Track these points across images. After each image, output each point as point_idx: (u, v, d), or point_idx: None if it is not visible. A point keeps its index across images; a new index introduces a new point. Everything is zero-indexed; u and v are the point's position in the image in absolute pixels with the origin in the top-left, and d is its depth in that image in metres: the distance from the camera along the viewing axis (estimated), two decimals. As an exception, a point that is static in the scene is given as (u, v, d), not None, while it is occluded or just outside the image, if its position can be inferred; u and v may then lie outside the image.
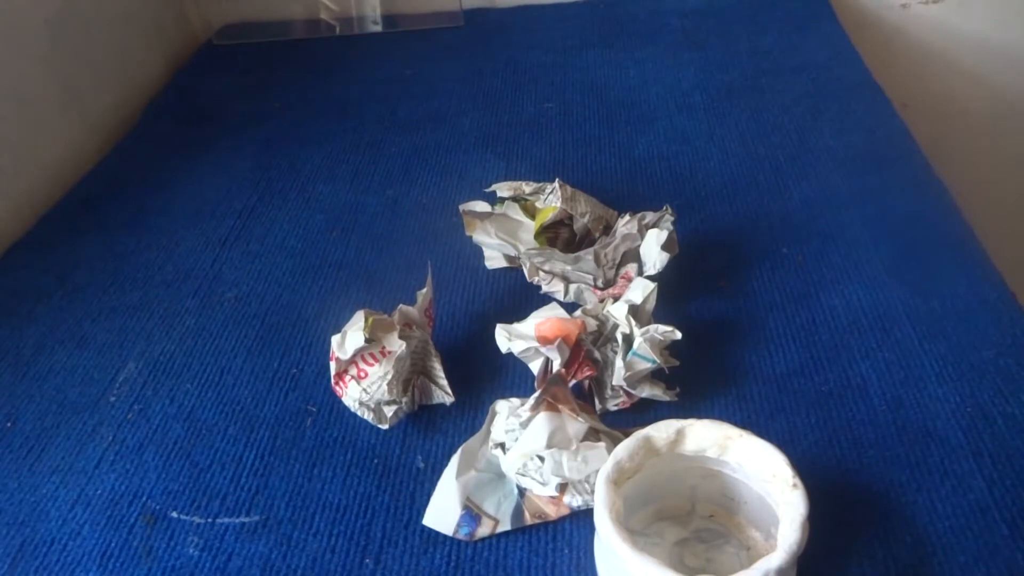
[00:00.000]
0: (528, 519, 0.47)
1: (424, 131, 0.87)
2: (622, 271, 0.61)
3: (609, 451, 0.45)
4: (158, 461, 0.53)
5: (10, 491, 0.52)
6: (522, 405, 0.49)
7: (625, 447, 0.43)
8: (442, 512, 0.47)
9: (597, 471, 0.44)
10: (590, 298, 0.61)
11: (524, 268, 0.63)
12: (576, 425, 0.47)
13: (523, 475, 0.47)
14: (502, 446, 0.48)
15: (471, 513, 0.47)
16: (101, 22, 0.93)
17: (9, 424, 0.57)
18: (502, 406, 0.50)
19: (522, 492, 0.48)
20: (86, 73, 0.90)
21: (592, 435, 0.48)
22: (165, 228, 0.75)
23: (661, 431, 0.43)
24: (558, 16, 1.09)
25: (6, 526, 0.50)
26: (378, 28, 1.10)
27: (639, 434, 0.43)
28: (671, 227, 0.61)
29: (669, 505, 0.46)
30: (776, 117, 0.83)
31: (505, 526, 0.47)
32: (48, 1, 0.84)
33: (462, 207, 0.70)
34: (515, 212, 0.68)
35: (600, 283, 0.61)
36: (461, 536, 0.46)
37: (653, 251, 0.60)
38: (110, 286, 0.69)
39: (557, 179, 0.67)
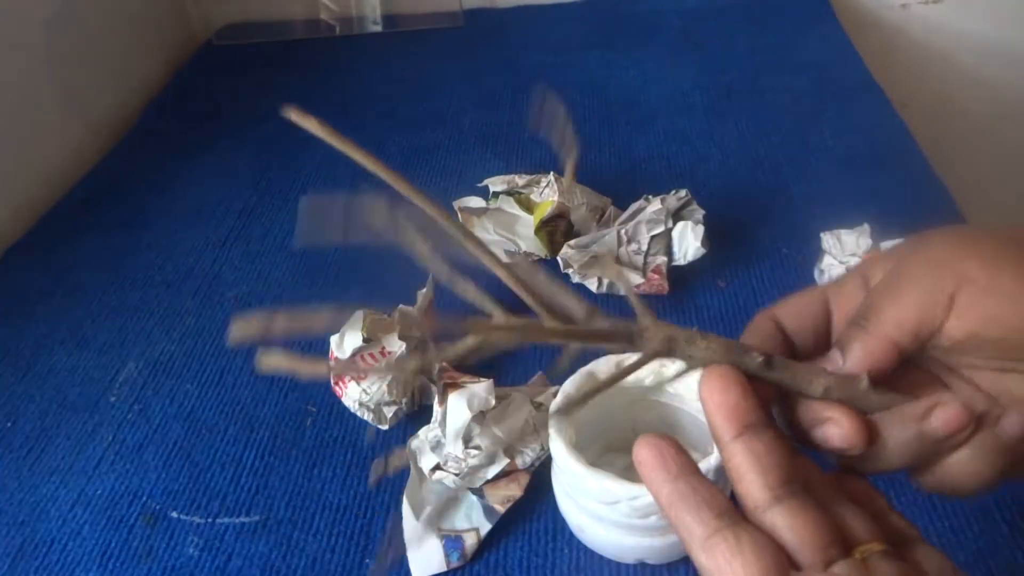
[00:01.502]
0: (500, 509, 0.47)
1: (424, 131, 0.87)
2: (651, 263, 0.61)
3: (522, 403, 0.48)
4: (158, 461, 0.53)
5: (10, 491, 0.52)
6: (431, 429, 0.50)
7: (572, 381, 0.44)
8: (424, 556, 0.46)
9: (526, 419, 0.48)
10: (624, 282, 0.61)
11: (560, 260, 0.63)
12: (481, 385, 0.48)
13: (444, 470, 0.47)
14: (438, 467, 0.48)
15: (451, 538, 0.46)
16: (101, 22, 0.93)
17: (9, 424, 0.57)
18: (416, 442, 0.50)
19: (480, 493, 0.48)
20: (86, 73, 0.90)
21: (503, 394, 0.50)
22: (165, 228, 0.75)
23: (602, 365, 0.45)
24: (558, 16, 1.09)
25: (6, 526, 0.50)
26: (378, 28, 1.10)
27: (583, 369, 0.45)
28: (702, 221, 0.62)
29: (615, 438, 0.48)
30: (776, 117, 0.83)
31: (486, 528, 0.47)
32: (48, 1, 0.84)
33: (456, 204, 0.70)
34: (510, 206, 0.68)
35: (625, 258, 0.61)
36: (455, 563, 0.46)
37: (689, 243, 0.61)
38: (110, 286, 0.69)
39: (552, 172, 0.67)
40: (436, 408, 0.49)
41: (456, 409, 0.48)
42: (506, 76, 0.96)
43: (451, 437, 0.48)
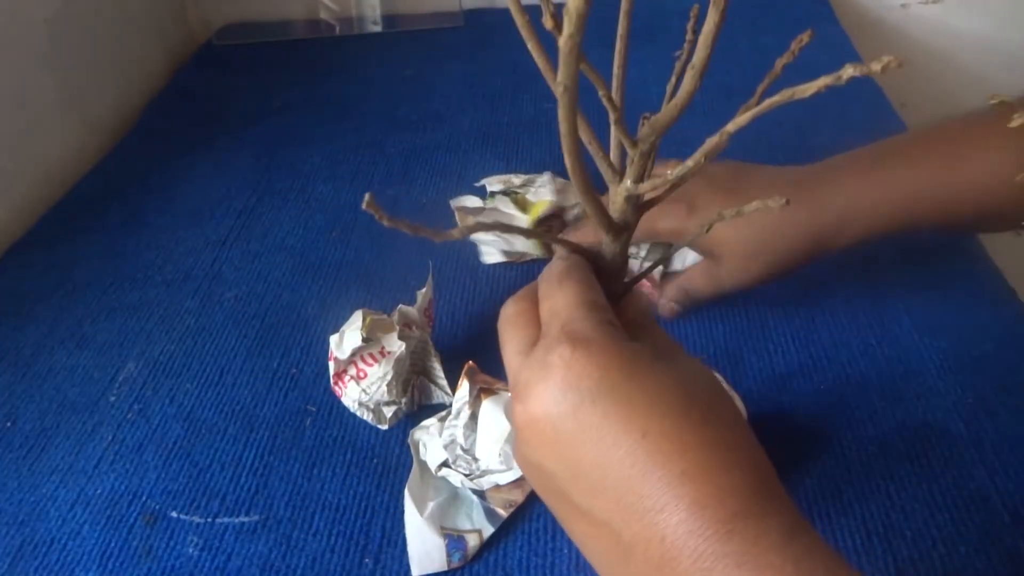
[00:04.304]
0: (503, 513, 0.47)
1: (424, 131, 0.87)
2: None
3: None
4: (158, 461, 0.53)
5: (10, 491, 0.52)
6: (440, 421, 0.50)
7: None
8: (427, 554, 0.46)
9: None
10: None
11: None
12: None
13: (451, 468, 0.47)
14: (446, 463, 0.48)
15: (453, 537, 0.46)
16: (101, 22, 0.93)
17: (9, 424, 0.57)
18: (420, 433, 0.50)
19: (481, 494, 0.48)
20: (86, 73, 0.90)
21: None
22: (165, 228, 0.75)
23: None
24: (558, 16, 1.09)
25: (6, 526, 0.50)
26: (378, 28, 1.10)
27: None
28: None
29: None
30: (776, 117, 0.82)
31: (488, 531, 0.46)
32: (48, 1, 0.84)
33: (452, 203, 0.70)
34: (506, 206, 0.68)
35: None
36: (456, 563, 0.45)
37: (687, 252, 0.60)
38: (110, 286, 0.69)
39: (548, 172, 0.67)
40: (456, 407, 0.49)
41: (492, 416, 0.47)
42: (506, 76, 0.96)
43: (487, 445, 0.47)
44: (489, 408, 0.48)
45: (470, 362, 0.51)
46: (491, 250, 0.67)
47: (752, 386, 0.55)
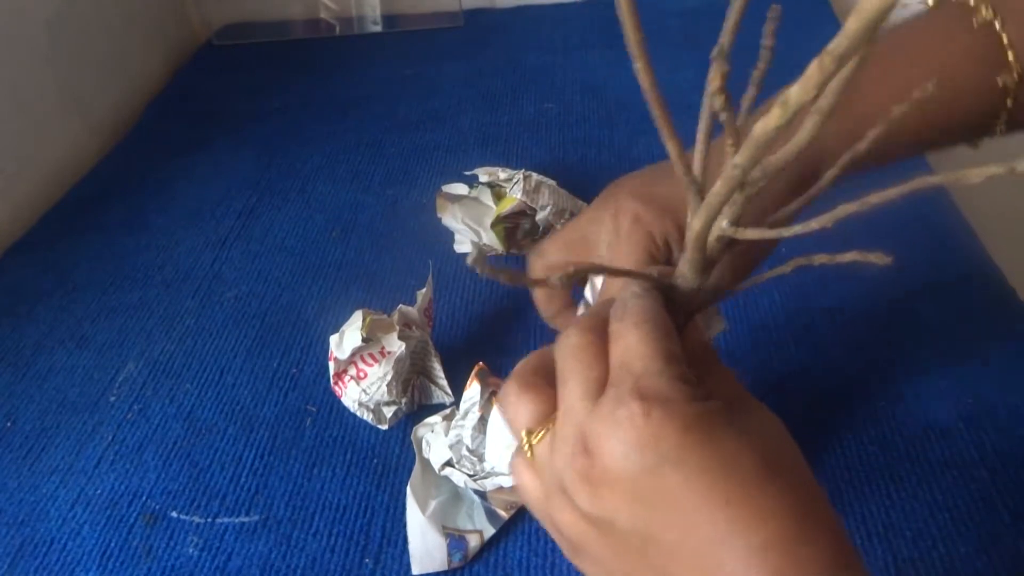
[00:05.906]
0: (504, 515, 0.47)
1: (424, 131, 0.87)
2: None
3: None
4: (158, 461, 0.53)
5: (10, 491, 0.52)
6: (444, 419, 0.49)
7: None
8: (428, 553, 0.46)
9: None
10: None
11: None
12: None
13: (455, 468, 0.47)
14: (450, 463, 0.48)
15: (455, 537, 0.46)
16: (101, 22, 0.93)
17: (9, 424, 0.57)
18: (424, 431, 0.50)
19: (482, 495, 0.47)
20: (86, 73, 0.90)
21: None
22: (165, 228, 0.75)
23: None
24: (558, 16, 1.09)
25: (6, 526, 0.50)
26: (378, 28, 1.10)
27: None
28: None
29: None
30: (776, 117, 0.83)
31: (489, 532, 0.46)
32: (48, 1, 0.84)
33: (444, 188, 0.71)
34: (486, 198, 0.68)
35: None
36: (456, 563, 0.45)
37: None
38: (110, 286, 0.69)
39: (522, 170, 0.67)
40: (464, 407, 0.48)
41: (501, 424, 0.47)
42: (506, 76, 0.96)
43: (497, 450, 0.47)
44: (498, 413, 0.47)
45: (480, 363, 0.51)
46: (463, 239, 0.67)
47: (752, 386, 0.55)
